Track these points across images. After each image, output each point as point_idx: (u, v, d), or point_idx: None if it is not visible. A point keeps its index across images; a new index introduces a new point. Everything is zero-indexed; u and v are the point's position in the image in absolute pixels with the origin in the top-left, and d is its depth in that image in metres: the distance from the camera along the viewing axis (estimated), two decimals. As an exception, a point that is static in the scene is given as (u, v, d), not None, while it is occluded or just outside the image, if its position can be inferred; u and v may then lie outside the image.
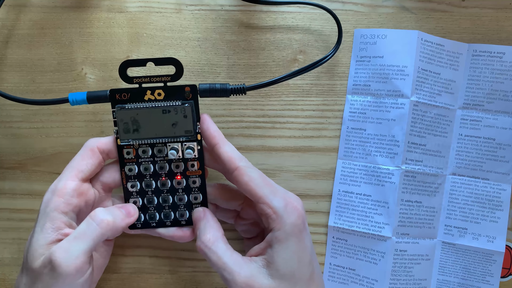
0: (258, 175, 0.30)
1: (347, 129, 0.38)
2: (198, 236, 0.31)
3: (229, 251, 0.30)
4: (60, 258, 0.27)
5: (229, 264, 0.29)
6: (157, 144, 0.32)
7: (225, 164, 0.30)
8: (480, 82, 0.37)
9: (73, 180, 0.30)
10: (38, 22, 0.37)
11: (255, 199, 0.30)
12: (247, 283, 0.28)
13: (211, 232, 0.30)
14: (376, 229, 0.37)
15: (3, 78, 0.37)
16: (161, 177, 0.33)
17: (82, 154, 0.31)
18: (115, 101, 0.31)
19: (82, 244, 0.28)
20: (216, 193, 0.34)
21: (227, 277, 0.29)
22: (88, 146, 0.31)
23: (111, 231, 0.29)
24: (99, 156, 0.31)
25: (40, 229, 0.29)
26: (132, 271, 0.38)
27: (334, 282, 0.38)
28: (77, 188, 0.30)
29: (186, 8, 0.37)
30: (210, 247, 0.30)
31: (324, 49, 0.38)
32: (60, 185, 0.30)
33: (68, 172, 0.30)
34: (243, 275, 0.28)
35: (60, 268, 0.27)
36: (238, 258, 0.29)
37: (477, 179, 0.38)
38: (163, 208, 0.33)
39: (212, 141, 0.31)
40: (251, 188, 0.30)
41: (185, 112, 0.31)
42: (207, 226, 0.31)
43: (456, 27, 0.37)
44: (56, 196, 0.29)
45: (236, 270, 0.28)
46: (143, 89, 0.31)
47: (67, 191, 0.29)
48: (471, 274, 0.38)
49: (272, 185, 0.30)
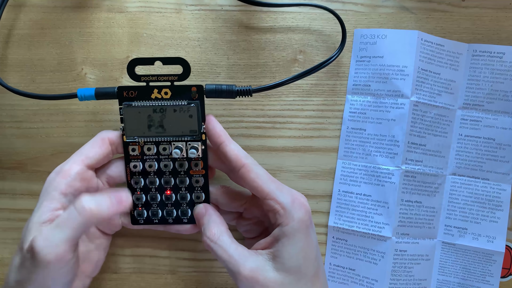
0: (264, 172, 0.31)
1: (347, 129, 0.38)
2: (203, 232, 0.31)
3: (234, 244, 0.30)
4: (39, 245, 0.27)
5: (235, 257, 0.29)
6: (162, 142, 0.32)
7: (232, 162, 0.31)
8: (480, 82, 0.37)
9: (79, 165, 0.30)
10: (38, 22, 0.37)
11: (262, 195, 0.30)
12: (252, 275, 0.28)
13: (215, 227, 0.31)
14: (376, 229, 0.37)
15: (3, 78, 0.37)
16: (164, 175, 0.33)
17: (92, 142, 0.31)
18: (122, 98, 0.31)
19: (62, 233, 0.27)
20: (219, 194, 0.34)
21: (232, 270, 0.29)
22: (99, 135, 0.32)
23: (95, 220, 0.28)
24: (108, 147, 0.32)
25: (38, 207, 0.29)
26: (132, 271, 0.38)
27: (334, 282, 0.38)
28: (82, 172, 0.30)
29: (186, 8, 0.37)
30: (215, 242, 0.30)
31: (324, 49, 0.38)
32: (66, 166, 0.30)
33: (76, 157, 0.31)
34: (248, 267, 0.28)
35: (39, 255, 0.27)
36: (244, 251, 0.30)
37: (477, 179, 0.38)
38: (166, 206, 0.34)
39: (218, 140, 0.31)
40: (258, 184, 0.30)
41: (191, 112, 0.31)
42: (210, 221, 0.31)
43: (456, 27, 0.37)
44: (59, 177, 0.30)
45: (241, 262, 0.29)
46: (150, 88, 0.31)
47: (71, 173, 0.30)
48: (471, 274, 0.38)
49: (277, 182, 0.31)
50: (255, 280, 0.28)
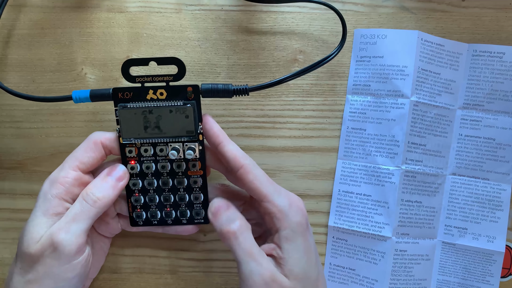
0: (262, 173, 0.30)
1: (347, 129, 0.38)
2: (224, 223, 0.30)
3: (256, 243, 0.30)
4: (62, 238, 0.28)
5: (257, 255, 0.29)
6: (158, 144, 0.32)
7: (230, 162, 0.30)
8: (480, 82, 0.37)
9: (75, 170, 0.30)
10: (38, 22, 0.37)
11: (259, 197, 0.30)
12: (272, 277, 0.28)
13: (239, 221, 0.30)
14: (376, 229, 0.37)
15: (3, 78, 0.37)
16: (162, 176, 0.33)
17: (85, 147, 0.31)
18: (118, 100, 0.31)
19: (81, 224, 0.29)
20: (217, 194, 0.34)
21: (252, 268, 0.28)
22: (92, 138, 0.31)
23: (106, 206, 0.30)
24: (102, 150, 0.31)
25: (41, 214, 0.29)
26: (132, 271, 0.38)
27: (334, 282, 0.38)
28: (78, 178, 0.30)
29: (186, 8, 0.37)
30: (239, 235, 0.29)
31: (324, 49, 0.38)
32: (62, 173, 0.30)
33: (71, 162, 0.31)
34: (269, 269, 0.28)
35: (63, 247, 0.28)
36: (262, 252, 0.29)
37: (477, 179, 0.38)
38: (164, 207, 0.34)
39: (216, 140, 0.31)
40: (256, 186, 0.30)
41: (187, 112, 0.31)
42: (235, 215, 0.30)
43: (456, 27, 0.37)
44: (57, 184, 0.30)
45: (264, 262, 0.28)
46: (145, 89, 0.31)
47: (68, 180, 0.30)
48: (471, 274, 0.38)
49: (275, 185, 0.30)
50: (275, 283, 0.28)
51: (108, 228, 0.34)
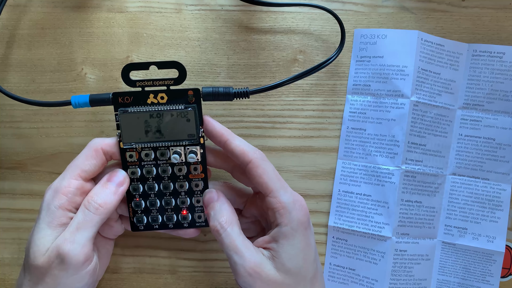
0: (271, 168, 0.31)
1: (347, 129, 0.38)
2: (213, 217, 0.31)
3: (242, 236, 0.30)
4: (68, 249, 0.28)
5: (241, 248, 0.29)
6: (159, 148, 0.32)
7: (239, 158, 0.30)
8: (480, 82, 0.37)
9: (77, 179, 0.30)
10: (38, 22, 0.37)
11: (266, 191, 0.30)
12: (255, 269, 0.28)
13: (227, 214, 0.30)
14: (376, 229, 0.37)
15: (3, 78, 0.37)
16: (163, 180, 0.33)
17: (86, 154, 0.31)
18: (118, 105, 0.31)
19: (85, 233, 0.29)
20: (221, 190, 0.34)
21: (236, 261, 0.29)
22: (92, 146, 0.31)
23: (109, 213, 0.30)
24: (102, 157, 0.31)
25: (45, 225, 0.29)
26: (132, 271, 0.38)
27: (334, 282, 0.38)
28: (81, 187, 0.30)
29: (186, 8, 0.37)
30: (226, 229, 0.30)
31: (324, 49, 0.38)
32: (64, 183, 0.30)
33: (72, 171, 0.30)
34: (253, 261, 0.29)
35: (70, 258, 0.28)
36: (249, 244, 0.30)
37: (477, 179, 0.38)
38: (166, 211, 0.34)
39: (222, 138, 0.31)
40: (264, 180, 0.30)
41: (188, 116, 0.31)
42: (222, 208, 0.31)
43: (456, 27, 0.37)
44: (60, 194, 0.30)
45: (247, 255, 0.29)
46: (146, 93, 0.31)
47: (71, 190, 0.30)
48: (471, 274, 0.38)
49: (283, 181, 0.31)
50: (258, 274, 0.28)
51: (112, 230, 0.34)
